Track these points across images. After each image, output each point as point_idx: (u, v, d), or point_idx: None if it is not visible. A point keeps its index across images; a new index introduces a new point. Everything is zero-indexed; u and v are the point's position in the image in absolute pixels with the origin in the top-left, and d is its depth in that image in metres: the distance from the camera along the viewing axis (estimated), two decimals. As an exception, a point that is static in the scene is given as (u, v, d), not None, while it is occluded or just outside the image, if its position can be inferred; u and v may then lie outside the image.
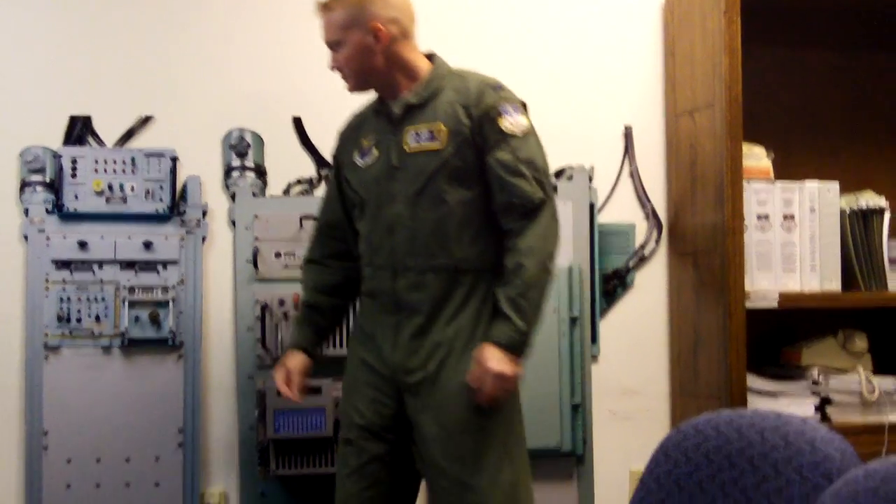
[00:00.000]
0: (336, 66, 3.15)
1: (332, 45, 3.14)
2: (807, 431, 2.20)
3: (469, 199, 3.05)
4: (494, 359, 2.92)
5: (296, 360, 3.29)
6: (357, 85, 3.17)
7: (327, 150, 3.97)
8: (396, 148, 3.10)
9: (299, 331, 3.36)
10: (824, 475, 2.10)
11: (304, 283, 3.42)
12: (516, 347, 2.95)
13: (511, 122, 3.02)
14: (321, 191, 4.05)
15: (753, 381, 4.00)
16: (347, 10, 3.07)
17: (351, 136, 3.31)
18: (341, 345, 3.76)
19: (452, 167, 3.03)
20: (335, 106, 3.41)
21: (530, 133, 3.06)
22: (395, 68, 3.12)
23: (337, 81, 3.92)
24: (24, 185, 3.87)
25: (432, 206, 3.05)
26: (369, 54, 3.08)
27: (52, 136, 3.93)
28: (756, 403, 3.95)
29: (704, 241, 4.07)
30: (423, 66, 3.15)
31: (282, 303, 3.84)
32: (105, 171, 3.86)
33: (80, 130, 3.95)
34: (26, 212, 3.85)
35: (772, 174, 4.14)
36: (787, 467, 2.18)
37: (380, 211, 3.12)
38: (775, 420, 2.28)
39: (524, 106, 3.12)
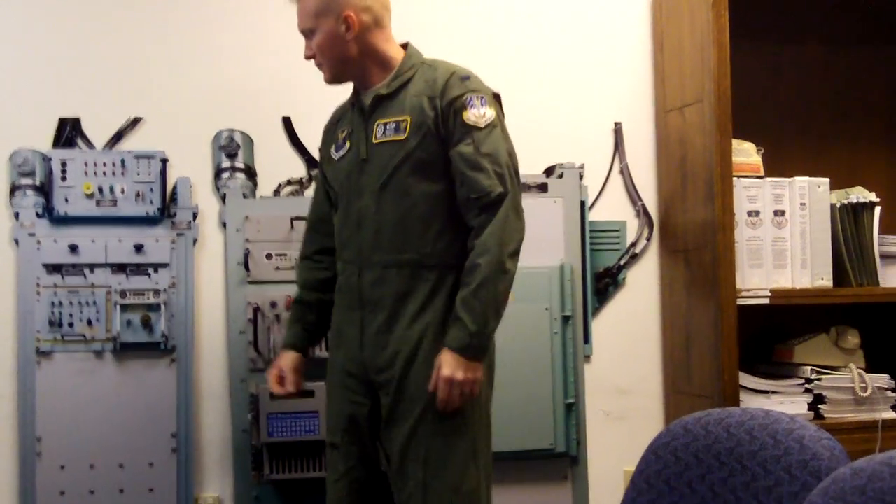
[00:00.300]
0: (309, 54, 3.14)
1: (306, 33, 3.13)
2: (795, 430, 2.21)
3: (434, 192, 3.01)
4: (447, 364, 2.89)
5: (287, 359, 3.29)
6: (332, 75, 3.15)
7: (317, 150, 3.97)
8: (365, 140, 3.09)
9: (290, 329, 3.36)
10: (813, 473, 2.11)
11: (296, 281, 3.41)
12: (469, 350, 2.89)
13: (475, 114, 2.97)
14: (311, 191, 4.02)
15: (746, 379, 4.00)
16: None
17: (331, 129, 3.31)
18: (332, 347, 3.75)
19: (416, 159, 3.00)
20: (324, 105, 3.40)
21: (495, 125, 3.00)
22: (367, 58, 3.10)
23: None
24: (14, 189, 3.86)
25: (396, 199, 3.02)
26: (341, 43, 3.07)
27: (42, 139, 3.91)
28: (749, 401, 3.95)
29: (695, 238, 4.07)
30: (398, 56, 3.13)
31: (273, 305, 3.83)
32: (95, 173, 3.85)
33: (69, 133, 3.94)
34: (16, 215, 3.83)
35: (762, 170, 4.13)
36: (776, 466, 2.19)
37: (350, 205, 3.11)
38: (764, 419, 2.29)
39: (497, 97, 3.08)
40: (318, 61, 3.14)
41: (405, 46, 3.17)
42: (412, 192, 3.00)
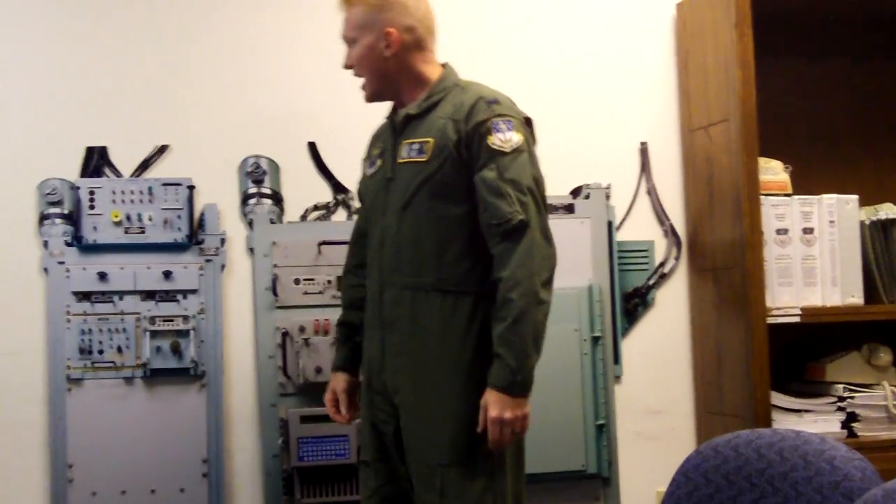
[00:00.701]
0: (348, 64, 3.14)
1: (347, 41, 3.13)
2: (826, 450, 2.19)
3: (454, 216, 2.97)
4: (493, 405, 2.84)
5: (339, 381, 3.27)
6: (372, 93, 3.15)
7: (343, 174, 4.00)
8: (392, 159, 3.09)
9: (338, 352, 3.34)
10: (845, 494, 2.09)
11: (341, 299, 3.40)
12: (513, 387, 2.83)
13: (501, 138, 2.92)
14: (338, 216, 4.06)
15: (778, 398, 3.97)
16: (366, 10, 3.06)
17: (371, 144, 3.31)
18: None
19: (436, 182, 2.97)
20: (350, 130, 3.41)
21: (521, 151, 2.94)
22: (403, 76, 3.10)
23: (352, 105, 3.92)
24: (42, 218, 3.88)
25: (415, 220, 3.00)
26: (378, 58, 3.07)
27: (70, 168, 3.94)
28: (781, 420, 3.93)
29: (724, 257, 4.06)
30: (434, 77, 3.12)
31: (302, 329, 3.83)
32: (123, 201, 3.86)
33: (96, 161, 3.96)
34: (45, 244, 3.85)
35: (790, 188, 4.12)
36: (807, 487, 2.17)
37: (375, 223, 3.11)
38: (794, 439, 2.27)
39: (528, 121, 3.05)
40: (356, 73, 3.13)
41: (445, 67, 3.17)
42: (431, 214, 2.99)
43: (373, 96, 3.17)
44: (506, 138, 2.93)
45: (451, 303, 2.98)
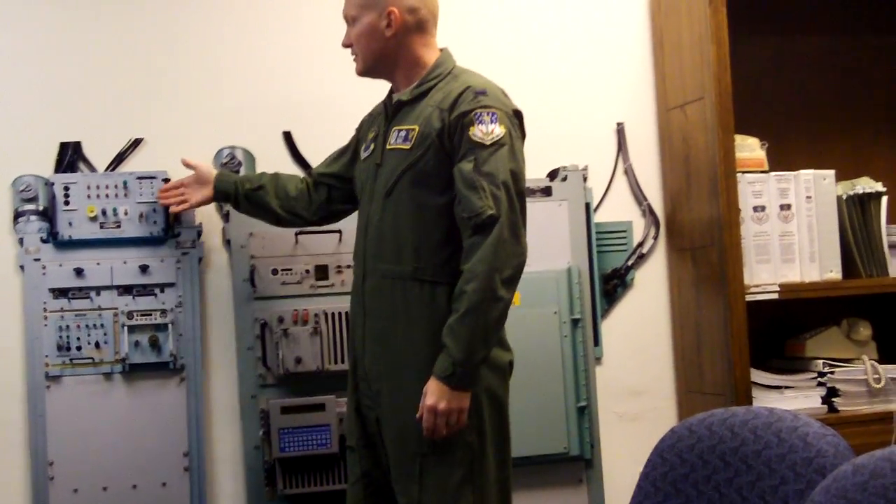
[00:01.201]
0: (347, 42, 3.14)
1: (348, 19, 3.13)
2: (799, 427, 2.19)
3: (433, 205, 2.98)
4: (431, 393, 2.84)
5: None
6: (364, 67, 3.15)
7: (319, 163, 3.97)
8: (382, 145, 3.10)
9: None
10: (817, 471, 2.09)
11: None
12: (453, 378, 2.83)
13: (483, 130, 2.91)
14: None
15: (758, 375, 3.99)
16: None
17: (367, 124, 3.32)
18: (342, 360, 3.74)
19: (417, 170, 2.99)
20: (326, 119, 3.41)
21: (502, 144, 2.93)
22: (401, 59, 3.10)
23: (327, 93, 3.96)
24: (17, 215, 3.86)
25: (396, 208, 3.01)
26: (378, 38, 3.07)
27: (43, 164, 3.91)
28: (762, 398, 3.94)
29: (702, 236, 4.06)
30: (431, 62, 3.12)
31: (281, 320, 3.82)
32: (98, 196, 3.84)
33: (70, 157, 3.93)
34: (21, 241, 3.83)
35: (766, 165, 4.12)
36: (780, 464, 2.18)
37: (362, 209, 3.14)
38: (768, 417, 2.28)
39: (516, 114, 3.04)
40: (353, 52, 3.14)
41: (442, 52, 3.17)
42: (412, 202, 3.00)
43: (364, 71, 3.16)
44: (487, 130, 2.92)
45: (429, 292, 2.99)
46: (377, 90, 3.28)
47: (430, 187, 2.99)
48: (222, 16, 4.08)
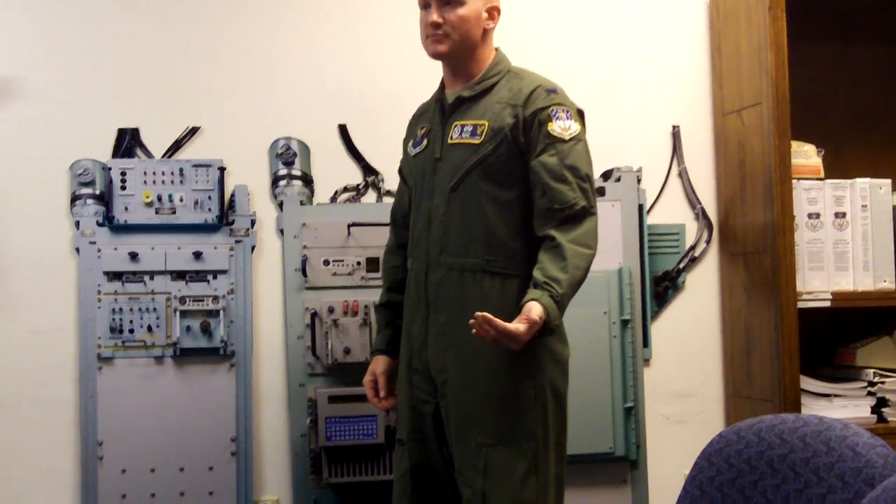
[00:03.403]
0: (441, 18, 3.05)
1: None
2: (848, 437, 2.17)
3: (504, 199, 3.00)
4: (536, 311, 2.78)
5: (379, 364, 3.28)
6: (451, 49, 3.08)
7: (373, 156, 4.01)
8: (441, 140, 3.09)
9: (380, 334, 3.35)
10: (866, 481, 2.07)
11: (382, 280, 3.42)
12: (555, 310, 2.81)
13: (561, 126, 2.97)
14: (368, 198, 4.07)
15: (808, 382, 3.96)
16: None
17: (414, 123, 3.31)
18: (391, 351, 3.77)
19: (488, 165, 3.00)
20: (380, 113, 3.42)
21: (579, 140, 3.00)
22: (477, 52, 3.11)
23: (383, 87, 3.96)
24: (74, 199, 3.91)
25: (464, 202, 3.02)
26: (478, 27, 3.07)
27: (102, 149, 3.96)
28: (811, 405, 3.92)
29: (755, 241, 4.04)
30: (489, 59, 3.14)
31: (331, 310, 3.84)
32: (154, 182, 3.89)
33: (128, 143, 3.98)
34: (77, 224, 3.88)
35: (822, 172, 4.10)
36: (829, 473, 2.16)
37: (421, 204, 3.12)
38: (817, 425, 2.25)
39: (580, 113, 3.07)
40: (442, 31, 3.06)
41: (497, 51, 3.18)
42: (481, 197, 3.01)
43: (448, 52, 3.08)
44: (565, 126, 2.98)
45: (499, 284, 3.01)
46: (432, 84, 3.28)
47: (499, 182, 3.01)
48: (281, 8, 4.12)
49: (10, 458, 3.86)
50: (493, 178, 3.01)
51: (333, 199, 4.07)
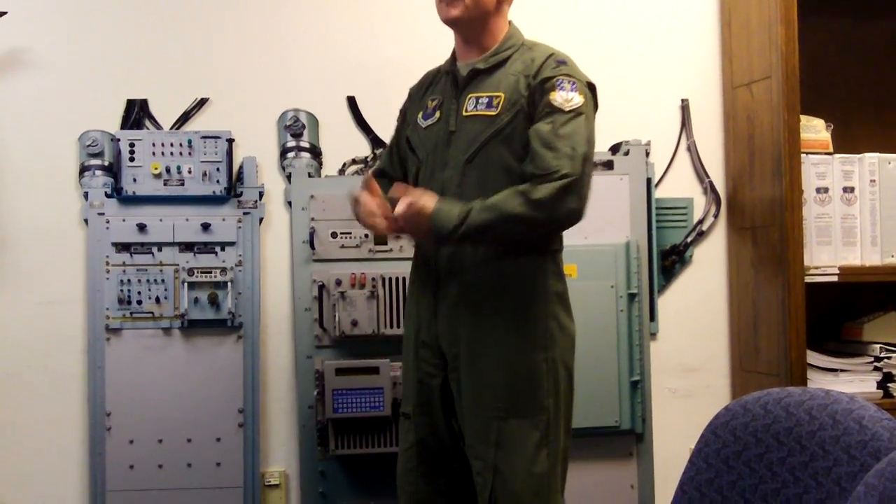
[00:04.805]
0: None
1: None
2: (854, 410, 2.17)
3: (520, 172, 2.95)
4: (426, 201, 2.84)
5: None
6: (464, 14, 3.03)
7: (381, 129, 4.01)
8: (455, 112, 3.07)
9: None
10: (872, 454, 2.07)
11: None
12: (448, 226, 2.83)
13: (563, 96, 2.93)
14: (376, 170, 4.07)
15: (814, 357, 3.97)
16: None
17: (419, 94, 3.28)
18: (398, 324, 3.77)
19: (505, 136, 2.97)
20: (389, 84, 3.41)
21: (580, 113, 2.94)
22: (490, 22, 3.08)
23: (391, 59, 3.95)
24: (83, 170, 3.92)
25: (480, 174, 2.99)
26: None
27: (110, 120, 3.97)
28: (817, 380, 3.93)
29: (763, 216, 4.03)
30: (503, 32, 3.12)
31: (339, 283, 3.85)
32: (163, 153, 3.89)
33: (137, 114, 3.99)
34: (86, 195, 3.89)
35: (831, 147, 4.09)
36: (834, 446, 2.16)
37: (433, 175, 3.08)
38: (823, 398, 2.25)
39: (590, 86, 3.04)
40: None
41: (511, 24, 3.16)
42: (497, 168, 2.98)
43: (460, 18, 3.05)
44: (567, 97, 2.94)
45: (513, 258, 2.99)
46: (441, 56, 3.27)
47: (515, 153, 2.98)
48: (291, -21, 4.11)
49: (19, 429, 3.89)
50: (509, 150, 2.98)
51: (342, 171, 4.07)
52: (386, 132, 3.99)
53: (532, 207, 2.84)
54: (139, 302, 3.85)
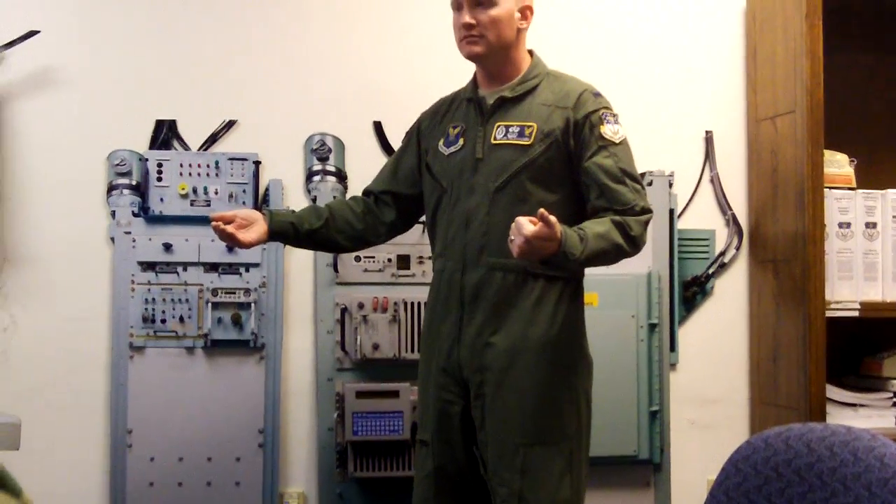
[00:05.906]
0: (474, 20, 3.04)
1: (482, 0, 3.05)
2: (876, 447, 2.17)
3: (550, 201, 2.98)
4: (558, 231, 2.75)
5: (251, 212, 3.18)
6: (487, 51, 3.06)
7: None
8: (483, 140, 3.08)
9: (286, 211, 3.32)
10: (893, 492, 2.08)
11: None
12: (570, 255, 2.78)
13: (612, 129, 3.01)
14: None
15: (833, 392, 3.96)
16: None
17: (437, 120, 3.28)
18: (419, 349, 3.78)
19: (538, 167, 3.00)
20: (415, 110, 3.42)
21: (627, 143, 3.04)
22: (512, 53, 3.10)
23: (417, 84, 3.97)
24: (111, 188, 3.95)
25: (511, 203, 3.00)
26: (512, 27, 3.06)
27: (139, 140, 4.01)
28: (836, 414, 3.92)
29: (785, 249, 4.04)
30: (526, 61, 3.15)
31: (361, 306, 3.88)
32: (190, 174, 3.93)
33: (165, 134, 4.02)
34: (113, 214, 3.93)
35: (854, 182, 4.09)
36: (855, 483, 2.16)
37: (458, 203, 3.10)
38: (845, 435, 2.26)
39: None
40: (477, 32, 3.05)
41: (530, 54, 3.18)
42: (529, 198, 3.00)
43: (483, 55, 3.07)
44: (615, 129, 3.03)
45: (541, 286, 3.01)
46: (466, 81, 3.29)
47: (546, 183, 3.02)
48: (319, 4, 4.15)
49: (42, 444, 3.89)
50: (541, 180, 3.02)
51: (366, 195, 4.09)
52: (411, 158, 4.04)
53: (629, 242, 2.93)
54: (163, 321, 3.87)
